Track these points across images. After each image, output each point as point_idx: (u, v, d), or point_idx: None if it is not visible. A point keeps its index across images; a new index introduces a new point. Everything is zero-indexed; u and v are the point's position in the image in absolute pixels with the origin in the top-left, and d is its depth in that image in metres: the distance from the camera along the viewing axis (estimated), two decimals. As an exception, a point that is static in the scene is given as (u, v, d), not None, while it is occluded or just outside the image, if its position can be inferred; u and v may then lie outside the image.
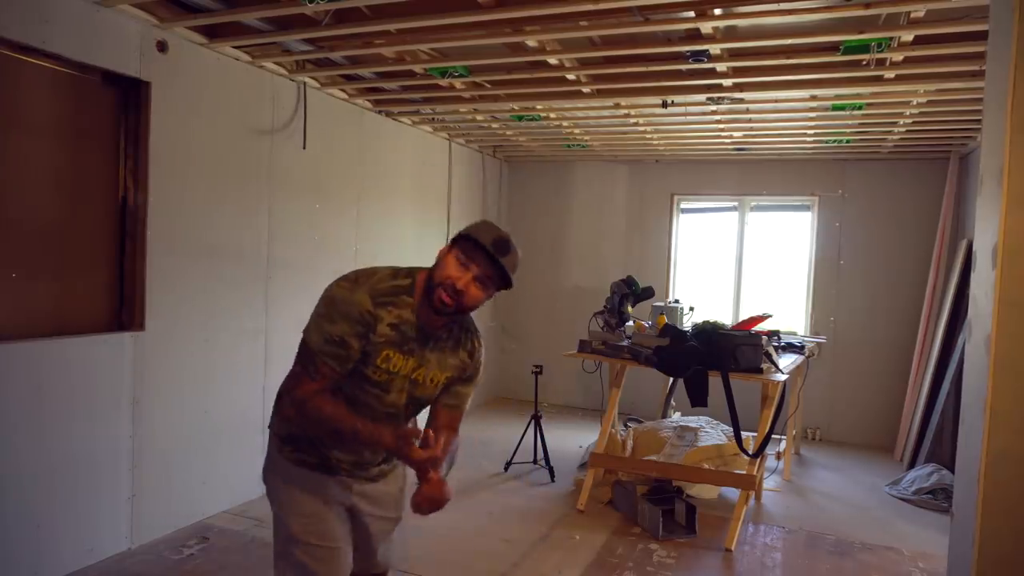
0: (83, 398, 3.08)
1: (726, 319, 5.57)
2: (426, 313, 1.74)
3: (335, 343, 1.67)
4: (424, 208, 5.73)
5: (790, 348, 4.74)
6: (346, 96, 4.63)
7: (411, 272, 1.80)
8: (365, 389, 1.76)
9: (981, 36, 2.99)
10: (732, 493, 4.39)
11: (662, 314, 4.61)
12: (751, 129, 5.06)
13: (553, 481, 4.62)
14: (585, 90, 4.18)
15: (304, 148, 4.29)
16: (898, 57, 3.34)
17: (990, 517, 1.67)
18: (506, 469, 4.80)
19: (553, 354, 4.81)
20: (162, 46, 3.35)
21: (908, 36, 3.10)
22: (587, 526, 3.88)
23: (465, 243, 1.70)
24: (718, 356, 3.84)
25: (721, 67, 3.62)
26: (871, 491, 4.74)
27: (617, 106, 4.57)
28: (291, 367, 1.75)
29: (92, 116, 3.21)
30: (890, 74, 3.58)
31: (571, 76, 3.92)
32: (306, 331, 1.71)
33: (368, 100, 4.77)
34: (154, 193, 3.35)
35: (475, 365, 1.89)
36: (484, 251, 1.67)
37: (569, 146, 6.17)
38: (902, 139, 5.15)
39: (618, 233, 6.80)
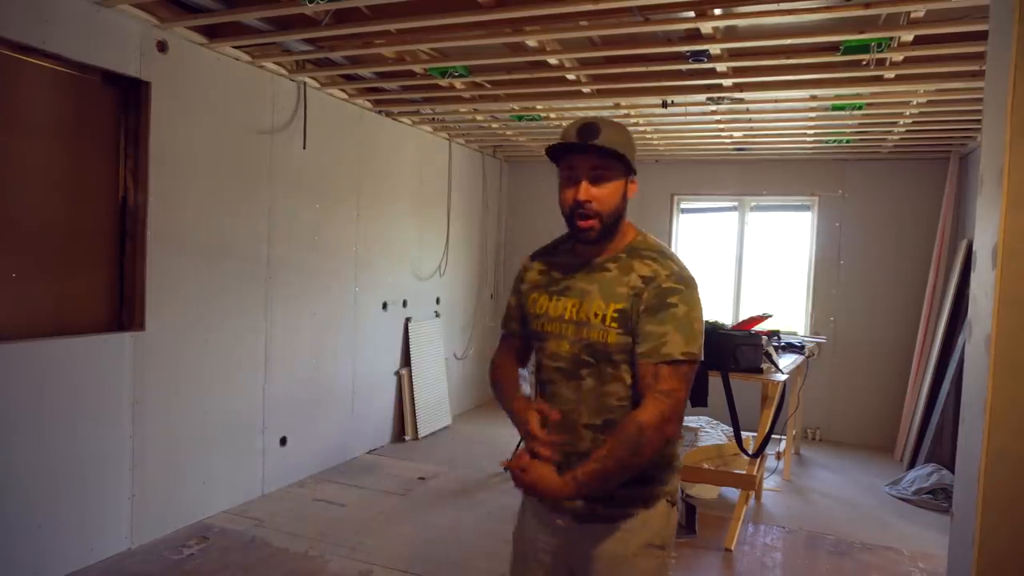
0: (83, 398, 3.08)
1: (726, 319, 5.57)
2: (583, 251, 1.58)
3: (506, 308, 1.77)
4: (424, 208, 5.73)
5: (790, 348, 4.74)
6: (346, 96, 4.63)
7: None
8: (535, 347, 1.64)
9: (981, 36, 2.99)
10: (732, 493, 4.38)
11: (662, 314, 4.60)
12: (751, 129, 5.06)
13: (553, 481, 4.62)
14: (585, 90, 4.18)
15: (304, 148, 4.30)
16: (898, 57, 3.34)
17: (990, 517, 1.66)
18: (506, 469, 4.80)
19: (553, 354, 4.78)
20: (162, 46, 3.35)
21: (908, 36, 3.10)
22: (587, 526, 3.88)
23: (555, 155, 1.52)
24: (718, 356, 3.84)
25: (721, 67, 3.62)
26: (871, 491, 4.74)
27: (617, 106, 4.57)
28: None
29: (92, 116, 3.21)
30: (890, 74, 3.58)
31: (571, 76, 3.92)
32: None
33: (368, 100, 4.77)
34: (154, 193, 3.35)
35: (656, 288, 1.47)
36: (574, 147, 1.47)
37: (569, 146, 6.16)
38: (902, 139, 5.15)
39: (618, 233, 6.79)
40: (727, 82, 3.83)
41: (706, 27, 3.09)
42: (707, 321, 4.21)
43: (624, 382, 1.51)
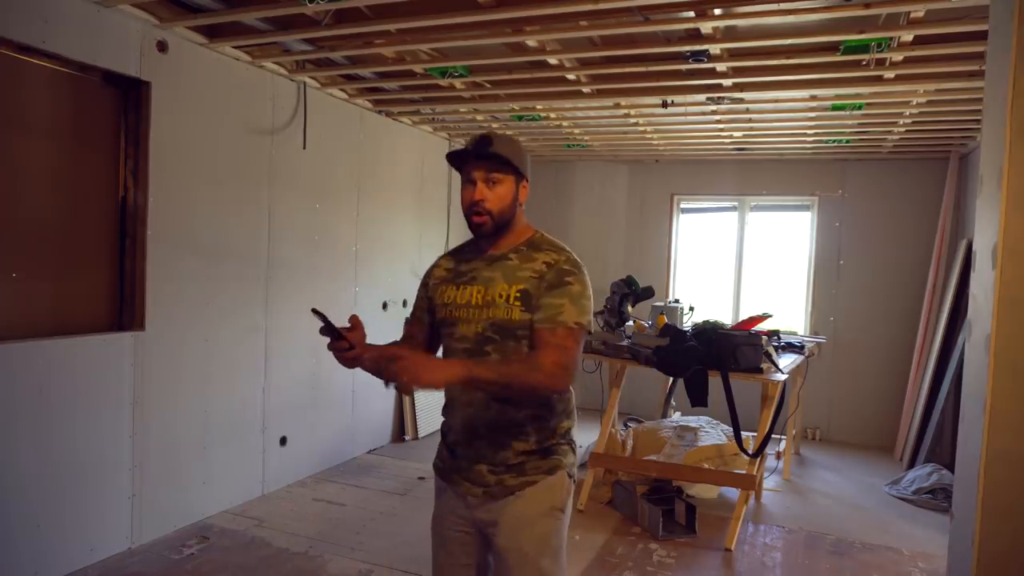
0: (83, 398, 3.08)
1: (726, 319, 5.58)
2: (483, 246, 1.79)
3: (415, 300, 1.94)
4: (424, 208, 5.73)
5: (790, 348, 4.74)
6: (346, 96, 4.63)
7: None
8: (443, 333, 1.81)
9: (981, 36, 2.99)
10: (732, 493, 4.39)
11: (662, 314, 4.61)
12: (751, 129, 5.06)
13: (553, 481, 4.61)
14: (585, 90, 4.18)
15: (304, 148, 4.30)
16: (898, 57, 3.34)
17: (990, 517, 1.67)
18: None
19: (553, 354, 4.77)
20: (162, 46, 3.35)
21: (908, 36, 3.10)
22: (587, 526, 3.88)
23: (454, 161, 1.75)
24: (718, 356, 3.84)
25: (721, 67, 3.62)
26: (871, 491, 4.75)
27: (617, 106, 4.57)
28: None
29: (92, 116, 3.21)
30: (890, 74, 3.58)
31: (571, 76, 3.92)
32: None
33: (368, 100, 4.77)
34: (154, 193, 3.35)
35: (555, 270, 1.69)
36: (469, 152, 1.71)
37: (569, 146, 6.17)
38: (902, 139, 5.15)
39: (618, 233, 6.80)
40: (727, 82, 3.83)
41: (706, 27, 3.09)
42: (707, 321, 4.25)
43: (524, 354, 1.69)
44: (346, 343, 1.61)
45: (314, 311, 1.61)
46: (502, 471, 1.70)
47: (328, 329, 1.60)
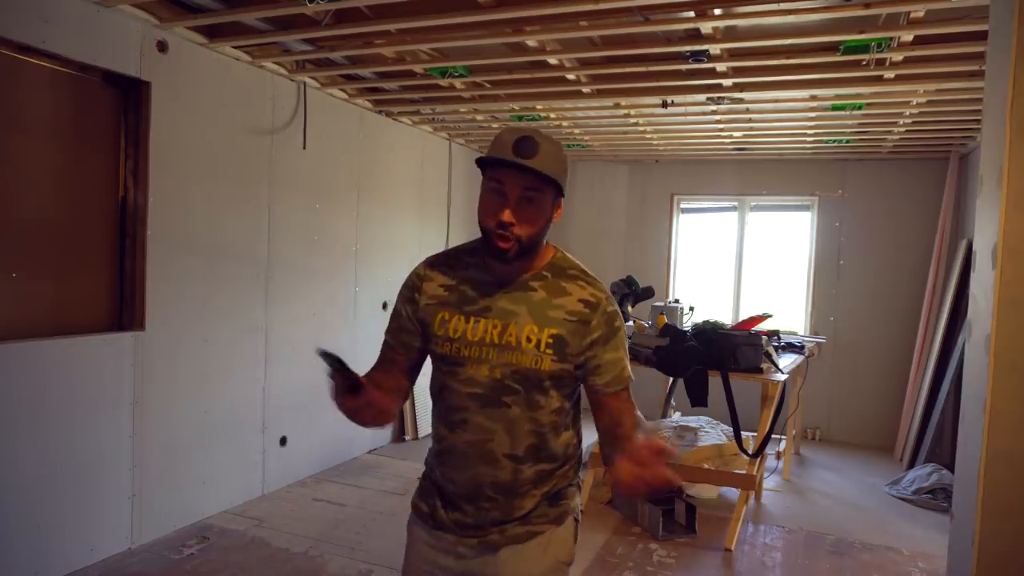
0: (83, 398, 3.08)
1: (726, 319, 5.58)
2: (497, 268, 1.45)
3: (392, 316, 1.60)
4: (424, 208, 5.73)
5: (790, 348, 4.74)
6: (346, 96, 4.63)
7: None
8: (442, 370, 1.49)
9: (981, 36, 2.99)
10: (732, 493, 4.39)
11: (662, 314, 4.61)
12: (751, 129, 5.06)
13: (553, 481, 4.61)
14: (585, 90, 4.18)
15: (304, 148, 4.30)
16: (898, 57, 3.34)
17: (990, 517, 1.67)
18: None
19: (553, 354, 4.77)
20: (162, 46, 3.35)
21: (908, 36, 3.10)
22: (587, 526, 3.88)
23: (485, 164, 1.39)
24: (718, 356, 3.84)
25: (721, 67, 3.62)
26: (871, 491, 4.75)
27: (617, 106, 4.57)
28: None
29: (92, 116, 3.21)
30: (890, 74, 3.58)
31: (571, 76, 3.92)
32: None
33: (368, 100, 4.77)
34: (154, 193, 3.35)
35: (603, 315, 1.43)
36: (506, 164, 1.34)
37: (569, 146, 6.17)
38: (902, 139, 5.15)
39: (618, 233, 6.80)
40: (727, 82, 3.83)
41: (706, 27, 3.09)
42: (707, 321, 4.25)
43: (548, 408, 1.44)
44: (361, 394, 1.38)
45: (321, 353, 1.35)
46: (505, 521, 1.47)
47: (337, 367, 1.33)
